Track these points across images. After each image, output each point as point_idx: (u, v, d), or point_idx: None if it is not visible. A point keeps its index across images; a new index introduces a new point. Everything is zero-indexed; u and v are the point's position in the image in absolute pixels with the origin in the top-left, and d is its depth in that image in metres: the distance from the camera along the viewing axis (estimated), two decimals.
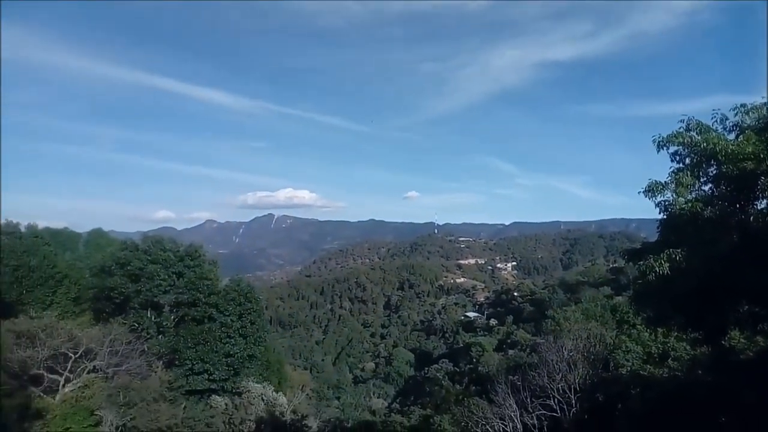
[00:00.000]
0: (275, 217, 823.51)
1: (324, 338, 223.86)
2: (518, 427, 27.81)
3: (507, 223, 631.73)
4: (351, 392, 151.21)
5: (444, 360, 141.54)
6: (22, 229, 50.89)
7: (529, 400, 28.28)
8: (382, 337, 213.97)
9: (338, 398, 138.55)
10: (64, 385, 31.02)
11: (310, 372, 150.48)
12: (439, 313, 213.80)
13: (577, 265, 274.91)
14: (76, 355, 31.51)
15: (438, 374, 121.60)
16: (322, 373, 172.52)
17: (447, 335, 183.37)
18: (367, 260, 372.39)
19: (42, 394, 30.13)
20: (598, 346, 29.94)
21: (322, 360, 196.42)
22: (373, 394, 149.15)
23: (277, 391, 45.06)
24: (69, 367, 31.33)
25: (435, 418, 48.04)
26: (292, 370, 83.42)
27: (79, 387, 30.91)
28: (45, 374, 30.80)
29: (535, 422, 27.46)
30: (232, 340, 41.89)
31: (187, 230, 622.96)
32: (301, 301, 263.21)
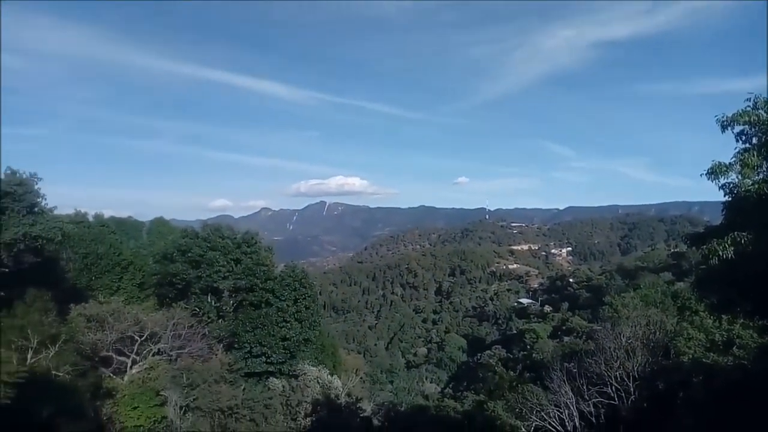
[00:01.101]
0: (327, 204, 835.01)
1: (376, 323, 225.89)
2: (574, 414, 27.32)
3: (562, 208, 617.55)
4: (404, 377, 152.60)
5: (497, 346, 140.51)
6: (90, 219, 53.65)
7: (585, 387, 27.70)
8: (434, 322, 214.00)
9: (391, 382, 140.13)
10: (131, 367, 32.69)
11: (364, 356, 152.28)
12: (492, 299, 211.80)
13: (636, 250, 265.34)
14: (142, 338, 33.11)
15: (491, 360, 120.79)
16: (375, 358, 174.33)
17: (500, 321, 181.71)
18: (418, 246, 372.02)
19: (111, 375, 31.87)
20: (658, 333, 28.85)
21: (375, 345, 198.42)
22: (426, 379, 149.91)
23: (332, 375, 45.89)
24: (135, 350, 32.98)
25: (489, 403, 47.74)
26: (345, 354, 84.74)
27: (145, 368, 32.47)
28: (114, 356, 32.54)
29: (592, 410, 26.90)
30: (288, 324, 42.84)
31: (243, 218, 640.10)
32: (353, 287, 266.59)
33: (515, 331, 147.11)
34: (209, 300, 42.86)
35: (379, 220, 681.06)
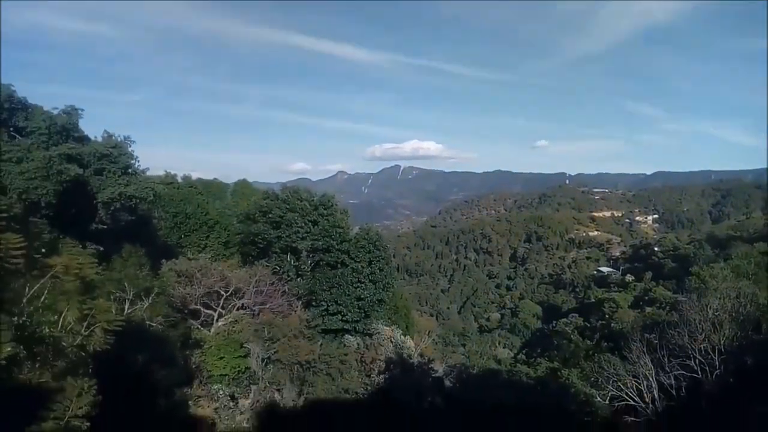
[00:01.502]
0: (402, 168, 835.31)
1: (449, 287, 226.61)
2: (653, 385, 26.46)
3: (649, 173, 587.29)
4: (476, 340, 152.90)
5: (573, 314, 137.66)
6: (179, 181, 56.71)
7: (666, 359, 26.71)
8: (508, 288, 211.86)
9: (463, 345, 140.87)
10: (217, 320, 34.74)
11: (436, 319, 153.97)
12: (569, 267, 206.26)
13: (729, 218, 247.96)
14: (227, 294, 34.99)
15: (567, 328, 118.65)
16: (448, 321, 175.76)
17: (577, 290, 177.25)
18: (493, 211, 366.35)
19: (199, 327, 34.02)
20: (749, 306, 27.04)
21: (448, 308, 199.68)
22: (499, 344, 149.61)
23: (404, 335, 46.68)
24: (221, 304, 34.95)
25: (563, 371, 47.06)
26: (418, 316, 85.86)
27: (230, 322, 34.41)
28: (201, 309, 34.67)
29: (672, 382, 25.92)
30: (363, 284, 43.69)
31: (320, 181, 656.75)
32: (426, 251, 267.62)
33: (593, 300, 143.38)
34: (288, 259, 44.39)
35: (454, 185, 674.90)
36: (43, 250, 14.48)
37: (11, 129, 34.96)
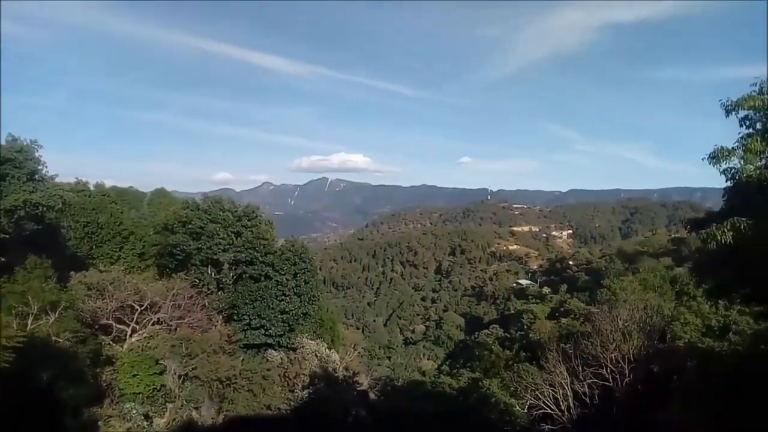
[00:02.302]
0: (329, 180, 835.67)
1: (376, 300, 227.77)
2: (568, 394, 27.64)
3: (564, 191, 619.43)
4: (401, 353, 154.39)
5: (494, 325, 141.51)
6: (91, 188, 53.56)
7: (580, 368, 28.02)
8: (433, 301, 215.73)
9: (389, 358, 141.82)
10: (130, 335, 32.93)
11: (362, 332, 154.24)
12: (491, 279, 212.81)
13: (637, 234, 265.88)
14: (142, 308, 33.29)
15: (488, 339, 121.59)
16: (374, 333, 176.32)
17: (498, 302, 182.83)
18: (419, 225, 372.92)
19: (111, 343, 32.12)
20: (655, 317, 29.09)
21: (374, 321, 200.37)
22: (423, 356, 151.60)
23: (330, 348, 46.26)
24: (135, 319, 33.18)
25: (484, 381, 48.31)
26: (344, 329, 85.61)
27: (144, 337, 32.72)
28: (114, 324, 32.75)
29: (587, 390, 27.21)
30: (288, 298, 43.05)
31: (245, 192, 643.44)
32: (353, 264, 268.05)
33: (513, 312, 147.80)
34: (209, 272, 43.00)
35: (381, 198, 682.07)
36: None
37: None
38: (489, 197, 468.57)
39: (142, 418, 29.43)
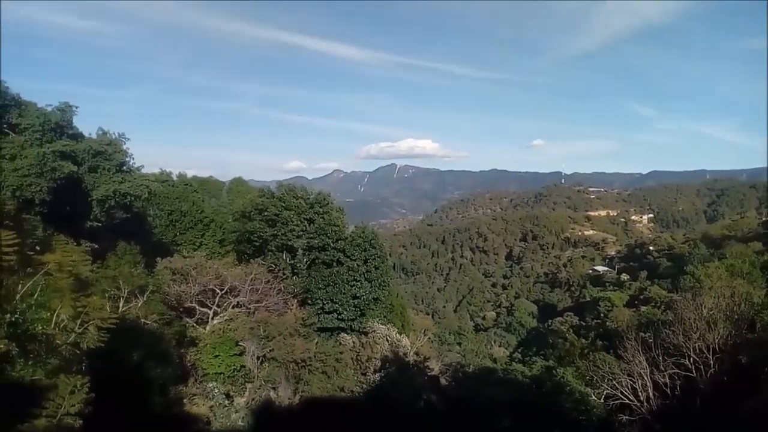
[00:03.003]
0: (398, 167, 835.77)
1: (445, 286, 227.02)
2: (648, 384, 26.55)
3: (644, 172, 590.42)
4: (472, 339, 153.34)
5: (569, 313, 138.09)
6: (174, 178, 56.47)
7: (661, 358, 26.82)
8: (504, 287, 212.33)
9: (459, 344, 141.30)
10: (212, 318, 34.62)
11: (432, 317, 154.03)
12: (565, 265, 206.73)
13: (724, 218, 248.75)
14: (222, 292, 34.88)
15: (562, 327, 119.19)
16: (444, 319, 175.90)
17: (573, 289, 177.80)
18: (489, 210, 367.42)
19: (195, 325, 33.89)
20: (743, 305, 27.12)
21: (444, 306, 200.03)
22: (494, 342, 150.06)
23: (400, 333, 46.64)
24: (216, 302, 34.82)
25: (558, 369, 47.23)
26: (414, 315, 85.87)
27: (225, 320, 34.28)
28: (197, 307, 34.53)
29: (667, 381, 26.00)
30: (358, 283, 43.67)
31: (316, 179, 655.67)
32: (423, 249, 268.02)
33: (589, 299, 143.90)
34: (284, 257, 44.29)
35: (450, 183, 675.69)
36: (37, 248, 14.41)
37: (4, 126, 34.62)
38: (563, 180, 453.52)
39: (224, 397, 30.95)
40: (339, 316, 43.39)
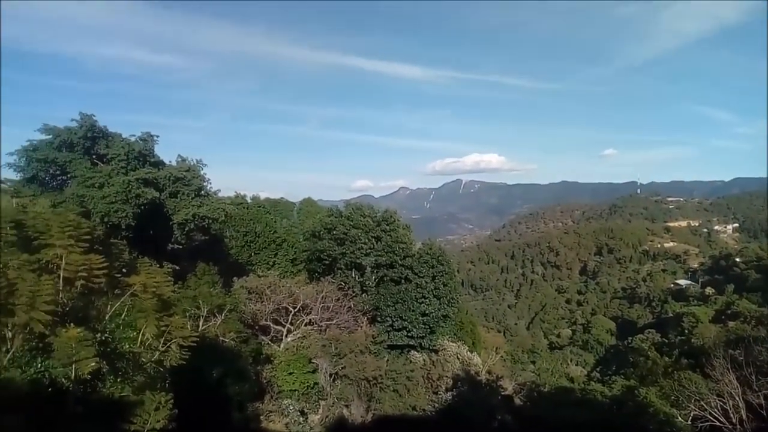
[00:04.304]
0: (463, 182, 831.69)
1: (516, 302, 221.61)
2: (740, 405, 24.70)
3: (727, 180, 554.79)
4: (546, 357, 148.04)
5: (650, 330, 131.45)
6: (248, 200, 58.73)
7: (754, 377, 24.99)
8: (579, 303, 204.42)
9: (533, 363, 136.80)
10: (286, 335, 35.37)
11: (504, 335, 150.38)
12: (644, 280, 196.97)
13: None
14: (295, 310, 35.64)
15: (643, 344, 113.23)
16: (516, 337, 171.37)
17: (653, 304, 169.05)
18: (560, 224, 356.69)
19: (270, 342, 34.75)
20: None
21: (515, 324, 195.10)
22: (570, 361, 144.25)
23: (471, 351, 45.86)
24: (290, 320, 35.60)
25: (640, 389, 44.81)
26: (485, 332, 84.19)
27: (298, 337, 34.96)
28: (271, 325, 35.44)
29: (762, 402, 24.06)
30: (427, 300, 43.43)
31: (383, 197, 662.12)
32: (491, 265, 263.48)
33: (671, 315, 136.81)
34: (353, 275, 44.79)
35: (518, 197, 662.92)
36: (124, 270, 15.25)
37: (93, 156, 37.31)
38: (638, 191, 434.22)
39: (299, 414, 31.39)
40: (408, 334, 43.25)
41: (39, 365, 12.01)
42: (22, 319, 11.32)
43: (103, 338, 13.01)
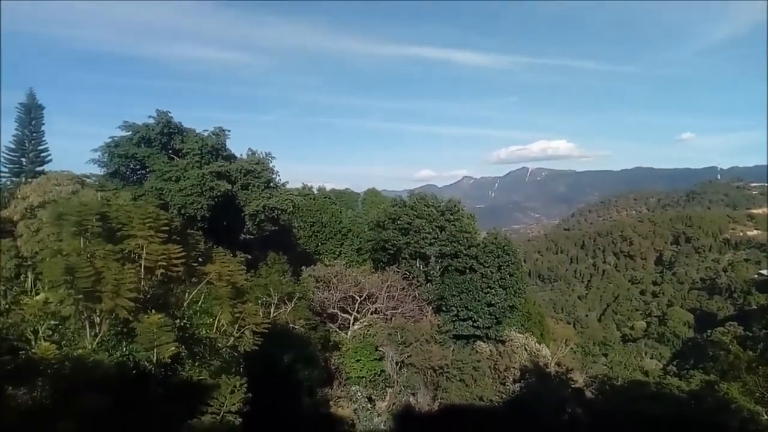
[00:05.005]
0: (530, 170, 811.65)
1: (587, 293, 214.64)
2: None
3: None
4: (619, 350, 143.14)
5: (731, 323, 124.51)
6: (315, 192, 59.99)
7: None
8: (654, 294, 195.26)
9: (605, 355, 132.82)
10: (353, 323, 35.99)
11: (573, 327, 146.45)
12: (725, 270, 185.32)
13: None
14: (361, 298, 36.17)
15: (724, 338, 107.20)
16: (587, 329, 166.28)
17: (735, 295, 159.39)
18: (634, 212, 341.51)
19: (337, 330, 35.46)
20: None
21: (586, 315, 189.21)
22: (645, 354, 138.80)
23: (539, 343, 45.00)
24: (356, 308, 36.17)
25: (721, 384, 42.60)
26: (554, 324, 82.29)
27: (365, 325, 35.50)
28: (338, 313, 36.15)
29: None
30: (493, 290, 42.89)
31: (446, 187, 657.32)
32: (560, 255, 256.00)
33: (755, 307, 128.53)
34: (418, 265, 44.86)
35: (587, 185, 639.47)
36: (200, 259, 15.92)
37: (170, 151, 39.21)
38: (719, 176, 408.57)
39: (366, 400, 31.95)
40: (474, 324, 42.92)
41: (124, 349, 12.82)
42: (108, 305, 12.11)
43: (182, 324, 13.70)
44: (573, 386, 41.48)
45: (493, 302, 42.85)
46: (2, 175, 45.06)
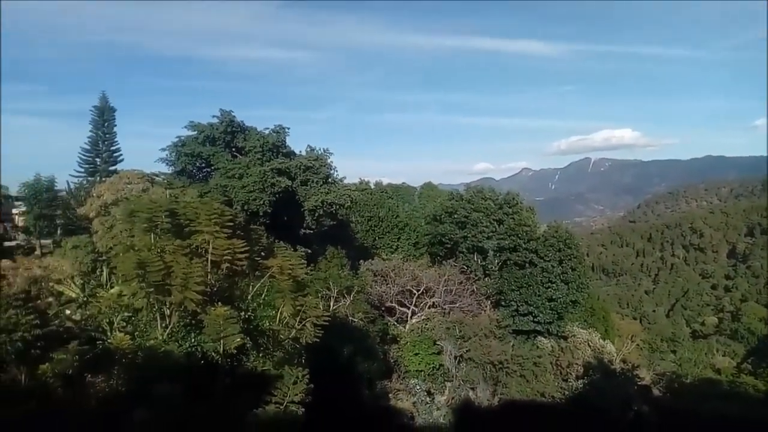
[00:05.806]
0: (592, 160, 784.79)
1: (654, 288, 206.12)
2: None
3: None
4: (689, 347, 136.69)
5: None
6: (372, 187, 60.59)
7: None
8: (727, 289, 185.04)
9: (673, 352, 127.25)
10: (411, 317, 36.17)
11: (640, 322, 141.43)
12: None
13: None
14: (419, 292, 36.28)
15: None
16: (654, 325, 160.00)
17: None
18: (704, 203, 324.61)
19: (395, 323, 35.74)
20: None
21: (653, 311, 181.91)
22: (717, 351, 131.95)
23: (603, 339, 43.77)
24: (414, 302, 36.33)
25: None
26: (619, 320, 79.89)
27: (422, 319, 35.62)
28: (396, 306, 36.42)
29: None
30: (554, 285, 41.94)
31: (504, 180, 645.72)
32: (625, 249, 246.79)
33: None
34: (475, 259, 44.48)
35: (654, 175, 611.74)
36: (262, 254, 16.43)
37: (233, 149, 40.62)
38: None
39: (425, 394, 32.07)
40: (534, 319, 42.17)
41: (193, 340, 13.47)
42: (178, 298, 12.73)
43: (246, 316, 14.22)
44: (639, 383, 40.12)
45: (554, 297, 41.92)
46: (79, 174, 48.19)
